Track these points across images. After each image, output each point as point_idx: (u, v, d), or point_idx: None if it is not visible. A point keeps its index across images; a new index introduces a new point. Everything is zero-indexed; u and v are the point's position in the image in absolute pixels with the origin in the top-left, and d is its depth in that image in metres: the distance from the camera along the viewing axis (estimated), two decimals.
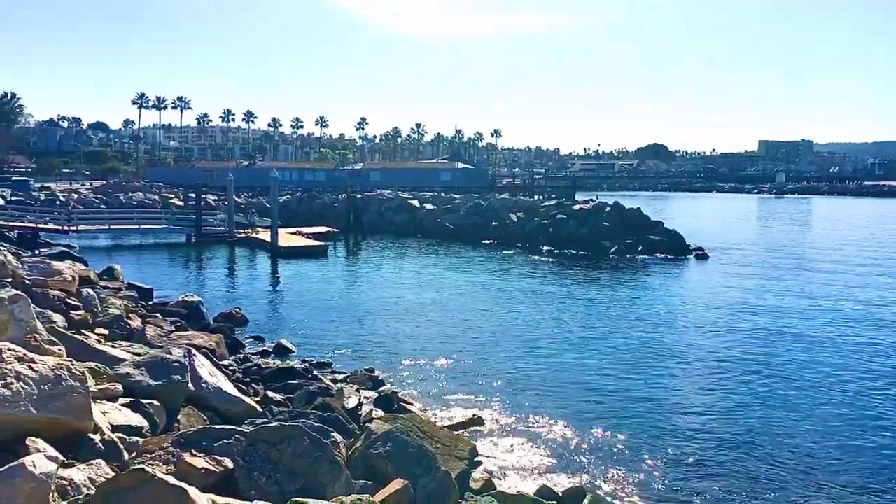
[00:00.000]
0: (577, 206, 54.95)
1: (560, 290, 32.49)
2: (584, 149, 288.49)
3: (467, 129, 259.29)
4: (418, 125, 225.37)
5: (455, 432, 11.69)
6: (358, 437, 9.63)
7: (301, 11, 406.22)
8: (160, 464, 5.79)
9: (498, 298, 29.89)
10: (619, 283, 35.05)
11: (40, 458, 4.46)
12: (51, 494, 4.45)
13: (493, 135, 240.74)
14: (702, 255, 44.98)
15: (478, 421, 14.28)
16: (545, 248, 48.53)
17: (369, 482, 7.80)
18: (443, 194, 72.14)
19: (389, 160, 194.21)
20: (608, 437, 13.98)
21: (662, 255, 44.89)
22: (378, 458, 8.31)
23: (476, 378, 17.89)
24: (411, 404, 15.06)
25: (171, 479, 4.56)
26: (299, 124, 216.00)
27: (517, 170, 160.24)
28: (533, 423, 14.70)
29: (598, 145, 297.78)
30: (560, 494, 10.32)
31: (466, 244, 51.33)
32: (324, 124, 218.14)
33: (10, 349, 6.87)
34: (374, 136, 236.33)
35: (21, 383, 6.56)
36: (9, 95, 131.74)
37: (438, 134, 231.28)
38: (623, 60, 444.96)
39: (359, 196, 64.61)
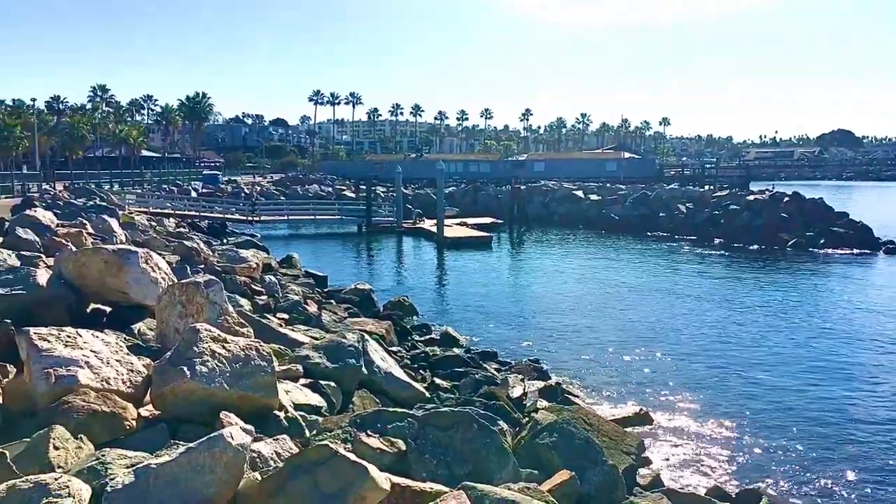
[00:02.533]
0: (751, 196, 52.30)
1: (732, 284, 31.08)
2: (760, 136, 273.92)
3: (634, 119, 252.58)
4: (583, 115, 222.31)
5: (621, 427, 11.48)
6: (523, 427, 9.69)
7: (465, 4, 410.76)
8: (339, 442, 6.10)
9: (665, 293, 29.02)
10: (799, 278, 33.05)
11: (237, 431, 4.83)
12: (245, 465, 4.81)
13: (661, 123, 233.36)
14: (893, 250, 41.55)
15: (645, 417, 13.96)
16: (716, 240, 46.58)
17: (535, 472, 7.84)
18: (608, 185, 70.85)
19: (553, 151, 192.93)
20: (786, 443, 13.25)
21: (847, 250, 41.85)
22: (544, 448, 8.33)
23: (643, 374, 17.50)
24: (576, 396, 14.95)
25: (353, 457, 4.80)
26: (464, 117, 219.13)
27: (686, 159, 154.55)
28: (703, 422, 14.20)
29: (776, 132, 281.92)
30: (734, 496, 9.92)
31: (632, 236, 50.20)
32: (488, 116, 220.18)
33: (206, 329, 7.46)
34: (539, 127, 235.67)
35: (216, 361, 7.12)
36: (200, 95, 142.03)
37: (604, 124, 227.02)
38: (800, 40, 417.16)
39: (523, 187, 64.67)
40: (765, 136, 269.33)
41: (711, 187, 66.25)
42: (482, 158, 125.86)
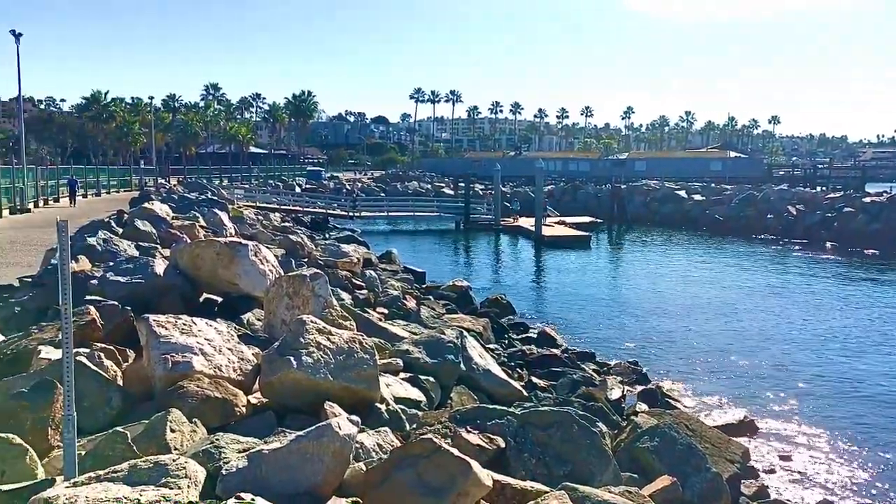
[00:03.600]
0: (867, 199, 49.76)
1: (846, 291, 29.64)
2: (878, 136, 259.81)
3: (741, 117, 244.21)
4: (687, 113, 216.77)
5: (725, 434, 11.14)
6: (622, 430, 9.55)
7: (566, 1, 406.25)
8: (439, 437, 6.16)
9: (772, 298, 27.95)
10: None
11: (344, 421, 4.95)
12: (351, 455, 4.92)
13: (770, 122, 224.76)
14: None
15: (750, 425, 13.49)
16: (828, 244, 44.51)
17: (635, 476, 7.71)
18: (712, 185, 68.86)
19: (656, 150, 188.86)
20: None
21: None
22: (644, 452, 8.18)
23: (748, 381, 16.92)
24: (677, 401, 14.61)
25: (457, 452, 4.84)
26: (564, 114, 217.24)
27: (796, 159, 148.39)
28: (813, 434, 13.61)
29: (895, 132, 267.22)
30: None
31: (737, 237, 48.58)
32: (589, 114, 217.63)
33: (312, 321, 7.67)
34: (640, 126, 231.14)
35: (321, 353, 7.30)
36: (306, 93, 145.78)
37: (709, 122, 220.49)
38: None
39: (623, 186, 63.57)
40: (882, 136, 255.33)
41: (824, 189, 63.44)
42: (582, 157, 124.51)
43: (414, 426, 7.41)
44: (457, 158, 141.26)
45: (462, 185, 60.42)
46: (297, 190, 72.10)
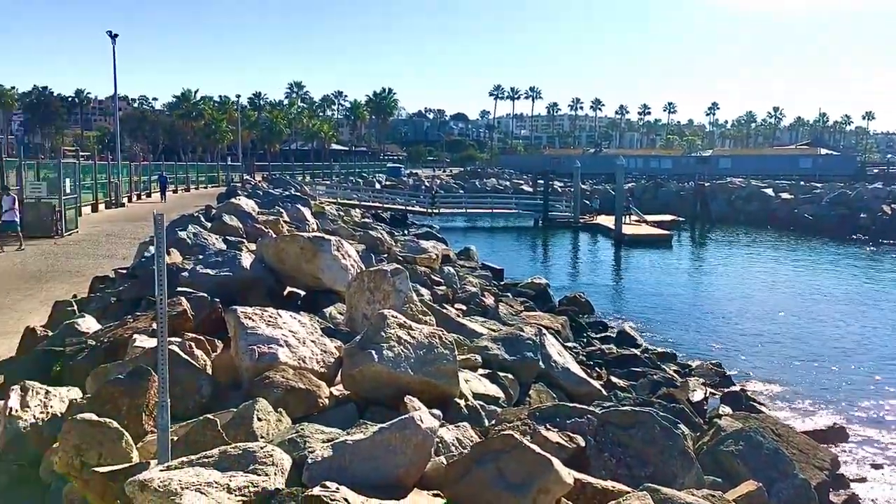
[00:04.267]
0: None
1: None
2: None
3: (833, 113, 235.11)
4: (775, 109, 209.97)
5: (813, 440, 10.78)
6: (705, 432, 9.35)
7: None
8: (518, 433, 6.16)
9: (864, 302, 26.85)
10: None
11: (426, 415, 5.01)
12: (432, 448, 4.98)
13: (864, 117, 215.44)
14: None
15: (839, 432, 13.01)
16: None
17: (718, 479, 7.54)
18: (801, 183, 66.57)
19: (741, 146, 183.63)
20: None
21: None
22: (728, 455, 7.99)
23: (837, 387, 16.31)
24: (762, 405, 14.20)
25: (538, 448, 4.84)
26: (646, 111, 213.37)
27: (892, 156, 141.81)
28: None
29: None
30: None
31: (828, 238, 46.81)
32: (671, 110, 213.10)
33: (393, 316, 7.77)
34: (726, 122, 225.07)
35: (401, 347, 7.39)
36: (386, 91, 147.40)
37: (798, 118, 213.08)
38: None
39: (707, 184, 62.05)
40: None
41: None
42: (664, 154, 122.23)
43: (493, 422, 7.43)
44: (536, 155, 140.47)
45: (541, 182, 60.03)
46: (377, 186, 72.98)
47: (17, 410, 6.52)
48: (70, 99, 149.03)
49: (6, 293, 15.07)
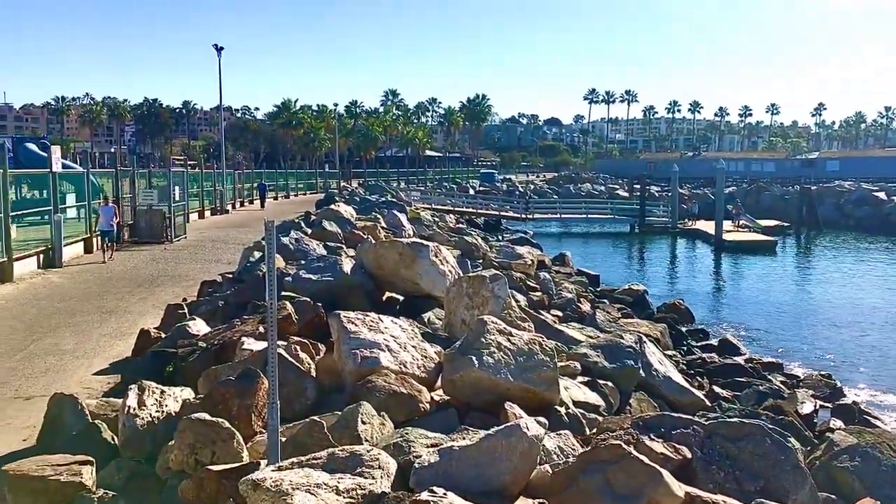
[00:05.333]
0: None
1: None
2: None
3: None
4: (887, 109, 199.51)
5: None
6: (816, 447, 8.94)
7: None
8: (621, 443, 6.05)
9: None
10: None
11: (532, 422, 4.98)
12: (538, 456, 4.95)
13: None
14: None
15: None
16: None
17: (833, 496, 7.21)
18: None
19: (850, 149, 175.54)
20: None
21: None
22: (843, 471, 7.61)
23: None
24: (877, 419, 13.50)
25: (647, 459, 4.74)
26: (747, 112, 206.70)
27: None
28: None
29: None
30: None
31: None
32: (774, 111, 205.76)
33: (493, 322, 7.77)
34: (833, 123, 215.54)
35: (501, 353, 7.38)
36: (480, 97, 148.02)
37: None
38: None
39: (813, 188, 59.57)
40: None
41: None
42: (766, 157, 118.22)
43: (594, 431, 7.32)
44: (631, 160, 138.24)
45: (637, 186, 58.98)
46: (471, 192, 73.27)
47: (134, 409, 6.82)
48: (178, 110, 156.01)
49: (122, 297, 15.84)
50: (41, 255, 19.77)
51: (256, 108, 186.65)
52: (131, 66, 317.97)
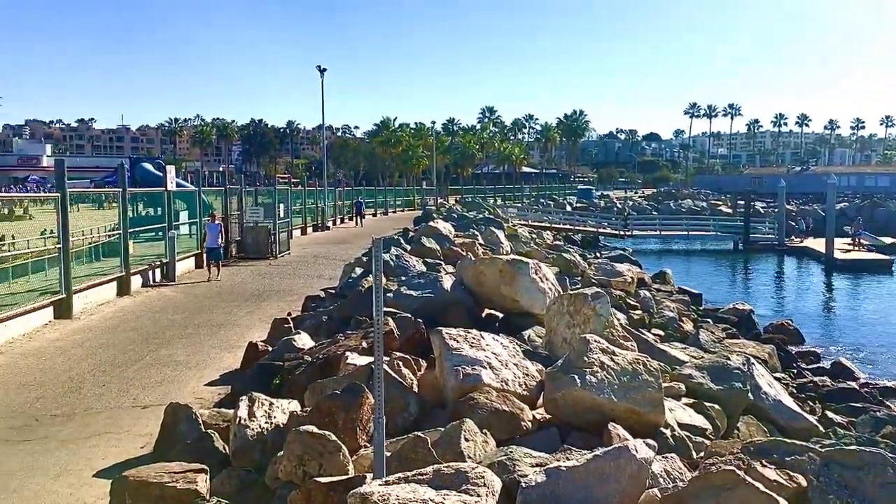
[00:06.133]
0: None
1: None
2: None
3: None
4: None
5: None
6: None
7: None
8: (735, 468, 5.86)
9: None
10: None
11: (641, 444, 4.89)
12: (647, 479, 4.84)
13: None
14: None
15: None
16: None
17: None
18: None
19: None
20: None
21: None
22: None
23: None
24: None
25: (762, 486, 4.58)
26: (860, 125, 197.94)
27: None
28: None
29: None
30: None
31: None
32: (889, 124, 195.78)
33: (596, 340, 7.67)
34: None
35: (605, 372, 7.27)
36: (577, 113, 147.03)
37: None
38: None
39: None
40: None
41: None
42: (881, 170, 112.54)
43: (701, 455, 7.11)
44: (735, 175, 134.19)
45: (741, 202, 57.13)
46: (568, 208, 72.67)
47: (245, 420, 7.06)
48: (282, 130, 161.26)
49: (230, 310, 16.43)
50: (156, 270, 20.75)
51: (356, 127, 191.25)
52: (239, 89, 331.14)
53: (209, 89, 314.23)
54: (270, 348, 10.88)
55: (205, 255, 22.63)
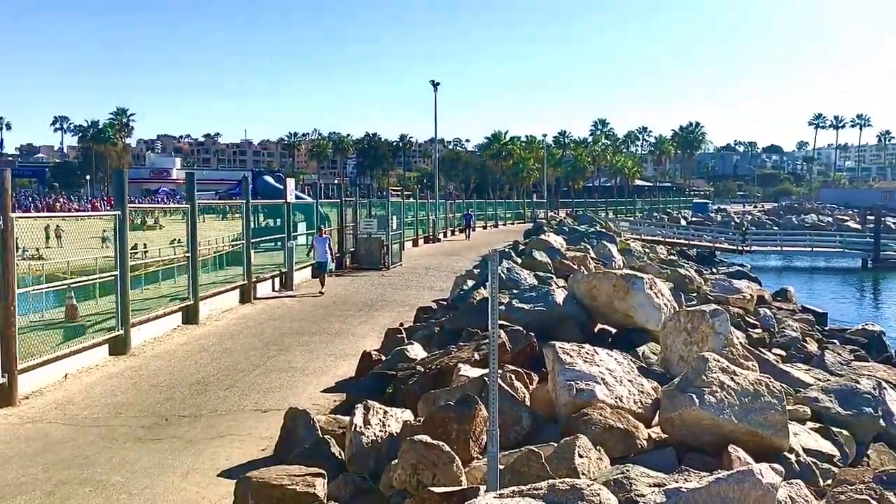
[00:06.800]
0: None
1: None
2: None
3: None
4: None
5: None
6: None
7: None
8: (868, 498, 5.56)
9: None
10: None
11: (767, 469, 4.71)
12: None
13: None
14: None
15: None
16: None
17: None
18: None
19: None
20: None
21: None
22: None
23: None
24: None
25: None
26: None
27: None
28: None
29: None
30: None
31: None
32: None
33: (715, 359, 7.44)
34: None
35: (724, 392, 7.04)
36: (693, 125, 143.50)
37: None
38: None
39: None
40: None
41: None
42: None
43: (828, 482, 6.78)
44: (863, 189, 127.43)
45: (871, 217, 54.16)
46: (683, 223, 70.83)
47: (361, 427, 7.22)
48: (395, 143, 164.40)
49: (344, 319, 16.86)
50: (275, 279, 21.53)
51: (467, 140, 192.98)
52: (354, 104, 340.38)
53: (327, 105, 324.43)
54: (384, 357, 11.09)
55: (313, 269, 22.67)
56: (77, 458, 7.99)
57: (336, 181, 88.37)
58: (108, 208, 37.92)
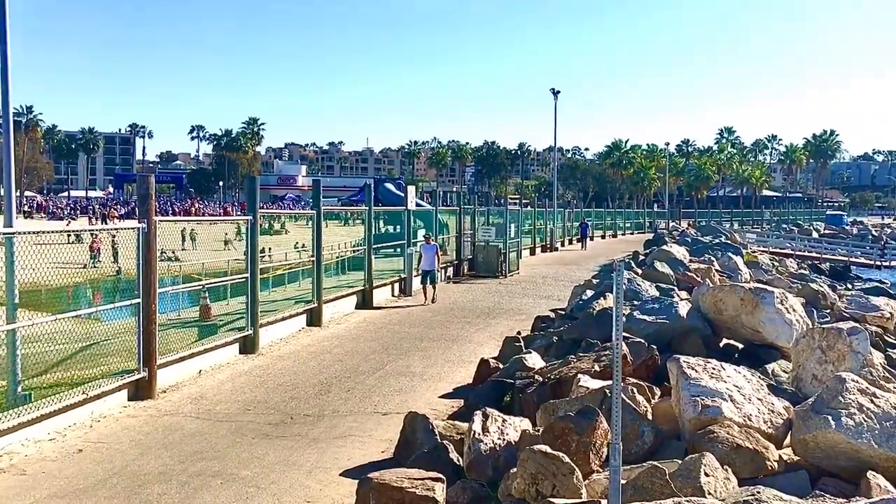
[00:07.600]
0: None
1: None
2: None
3: None
4: None
5: None
6: None
7: None
8: None
9: None
10: None
11: None
12: None
13: None
14: None
15: None
16: None
17: None
18: None
19: None
20: None
21: None
22: None
23: None
24: None
25: None
26: None
27: None
28: None
29: None
30: None
31: None
32: None
33: (853, 380, 7.03)
34: None
35: (863, 415, 6.64)
36: (827, 133, 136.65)
37: None
38: None
39: None
40: None
41: None
42: None
43: None
44: None
45: None
46: (815, 235, 67.44)
47: (479, 434, 7.24)
48: (513, 152, 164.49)
49: (462, 326, 16.98)
50: (394, 285, 21.92)
51: (586, 149, 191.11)
52: (474, 113, 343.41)
53: (447, 113, 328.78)
54: (501, 365, 11.08)
55: (420, 277, 21.79)
56: (209, 450, 8.39)
57: (454, 189, 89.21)
58: (241, 213, 39.71)
